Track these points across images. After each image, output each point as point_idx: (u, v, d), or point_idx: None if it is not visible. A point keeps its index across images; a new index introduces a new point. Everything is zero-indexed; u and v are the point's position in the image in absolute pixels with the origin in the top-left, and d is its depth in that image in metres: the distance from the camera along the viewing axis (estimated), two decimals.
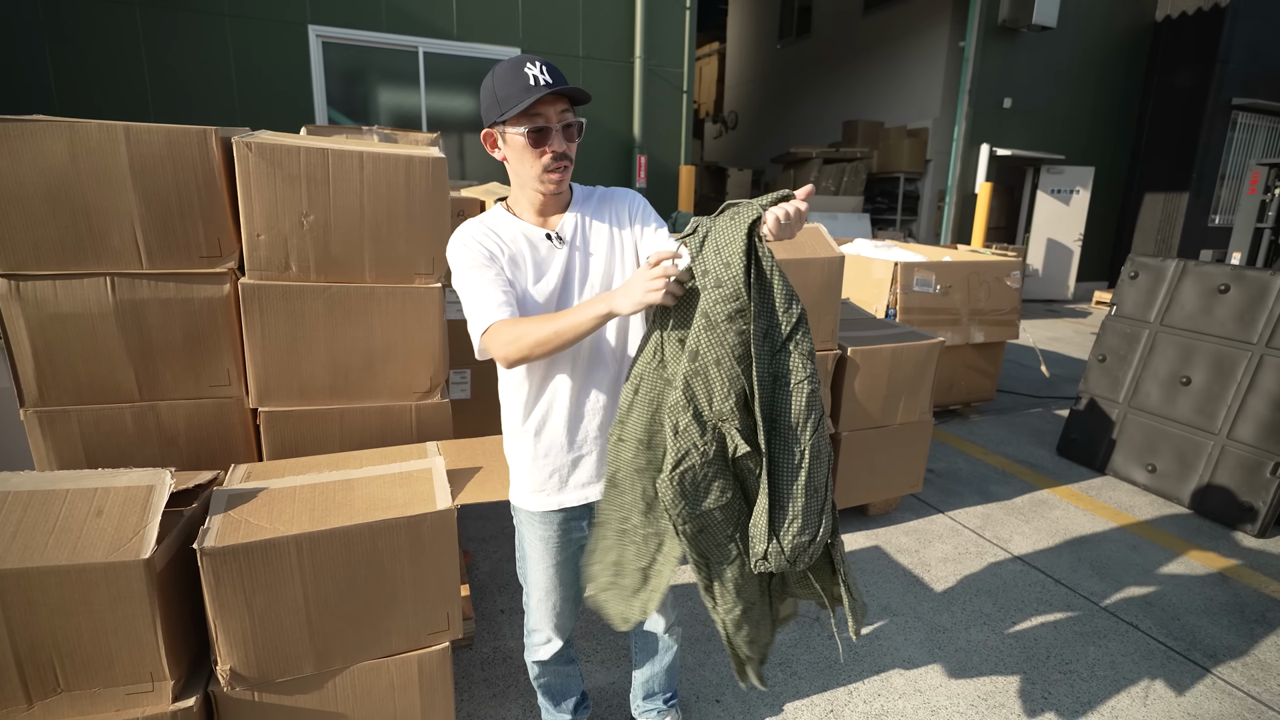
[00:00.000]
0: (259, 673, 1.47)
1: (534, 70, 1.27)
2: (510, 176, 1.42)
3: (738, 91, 14.30)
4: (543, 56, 1.31)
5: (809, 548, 1.30)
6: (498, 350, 1.30)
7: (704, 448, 1.24)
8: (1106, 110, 10.11)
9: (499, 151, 1.38)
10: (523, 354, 1.28)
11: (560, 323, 1.25)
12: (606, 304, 1.22)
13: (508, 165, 1.39)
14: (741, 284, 1.19)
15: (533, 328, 1.26)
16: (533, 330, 1.26)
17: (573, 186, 1.48)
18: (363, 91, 6.38)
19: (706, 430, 1.24)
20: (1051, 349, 6.92)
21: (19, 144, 1.57)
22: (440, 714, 1.70)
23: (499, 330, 1.29)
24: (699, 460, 1.24)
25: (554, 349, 1.27)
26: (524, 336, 1.26)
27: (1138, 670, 2.24)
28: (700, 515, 1.29)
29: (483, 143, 1.39)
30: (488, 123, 1.35)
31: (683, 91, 7.41)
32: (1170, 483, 3.50)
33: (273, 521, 1.45)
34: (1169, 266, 3.70)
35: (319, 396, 1.92)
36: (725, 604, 1.38)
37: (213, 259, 1.78)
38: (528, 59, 1.29)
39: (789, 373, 1.26)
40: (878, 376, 2.95)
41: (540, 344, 1.26)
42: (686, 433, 1.23)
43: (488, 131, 1.37)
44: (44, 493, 1.36)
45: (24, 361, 1.69)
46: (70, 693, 1.34)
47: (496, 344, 1.30)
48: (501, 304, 1.31)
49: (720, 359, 1.21)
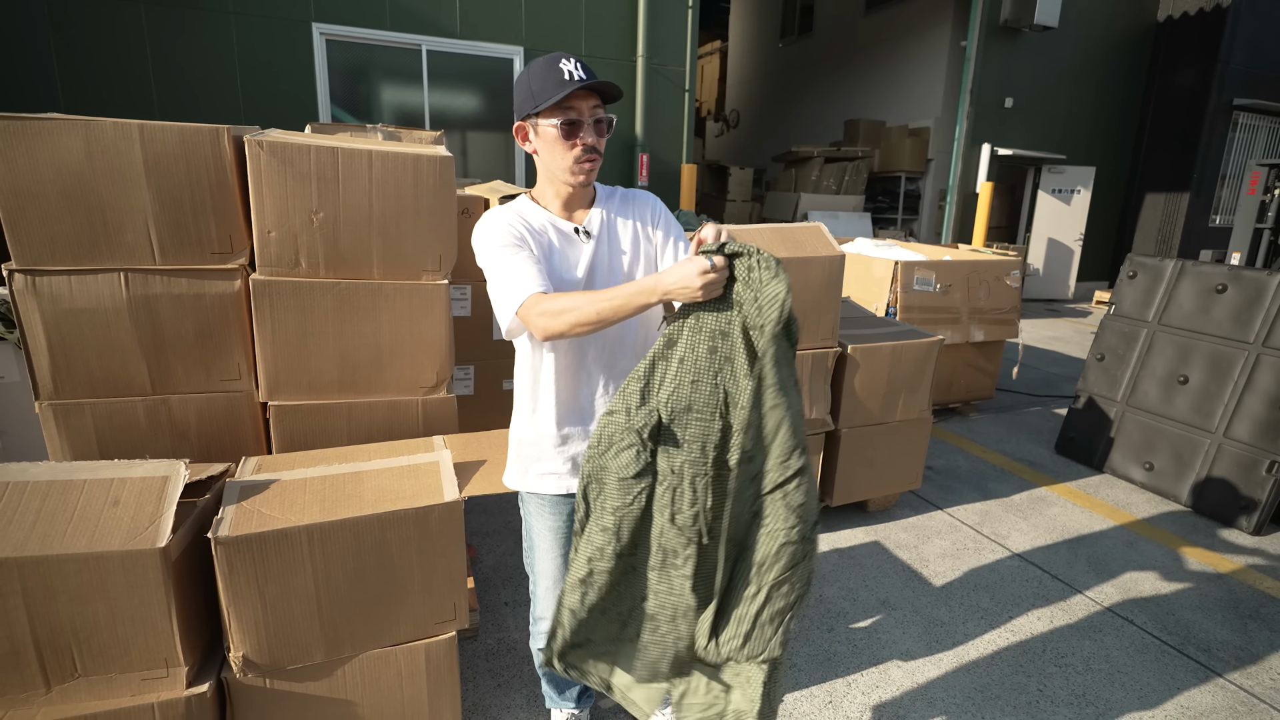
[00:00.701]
0: (271, 660, 1.51)
1: (568, 66, 1.32)
2: (539, 169, 1.46)
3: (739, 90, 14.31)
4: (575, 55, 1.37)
5: (747, 656, 1.35)
6: (538, 321, 1.28)
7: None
8: (1108, 110, 10.13)
9: (530, 144, 1.42)
10: (565, 328, 1.27)
11: (608, 301, 1.24)
12: (656, 287, 1.22)
13: (538, 158, 1.43)
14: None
15: (580, 302, 1.25)
16: (580, 305, 1.25)
17: (596, 184, 1.52)
18: (366, 89, 6.41)
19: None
20: (1051, 348, 6.94)
21: (36, 142, 1.60)
22: (446, 702, 1.73)
23: (537, 301, 1.28)
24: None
25: (596, 327, 1.27)
26: (569, 311, 1.25)
27: (1132, 664, 2.27)
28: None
29: (514, 135, 1.44)
30: (521, 115, 1.40)
31: (685, 90, 7.43)
32: (1167, 480, 3.54)
33: (284, 512, 1.48)
34: (1167, 266, 3.72)
35: (328, 391, 1.95)
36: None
37: (224, 255, 1.81)
38: (562, 56, 1.34)
39: (769, 520, 1.26)
40: (878, 374, 2.98)
41: (584, 321, 1.25)
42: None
43: (520, 124, 1.41)
44: (62, 483, 1.39)
45: (39, 355, 1.73)
46: (87, 678, 1.37)
47: (536, 314, 1.28)
48: (538, 278, 1.33)
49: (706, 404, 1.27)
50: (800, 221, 5.75)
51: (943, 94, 9.30)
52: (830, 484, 3.03)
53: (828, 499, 3.07)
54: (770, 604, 1.29)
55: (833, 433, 2.97)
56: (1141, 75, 10.21)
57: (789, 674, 2.16)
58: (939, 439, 4.29)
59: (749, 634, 1.30)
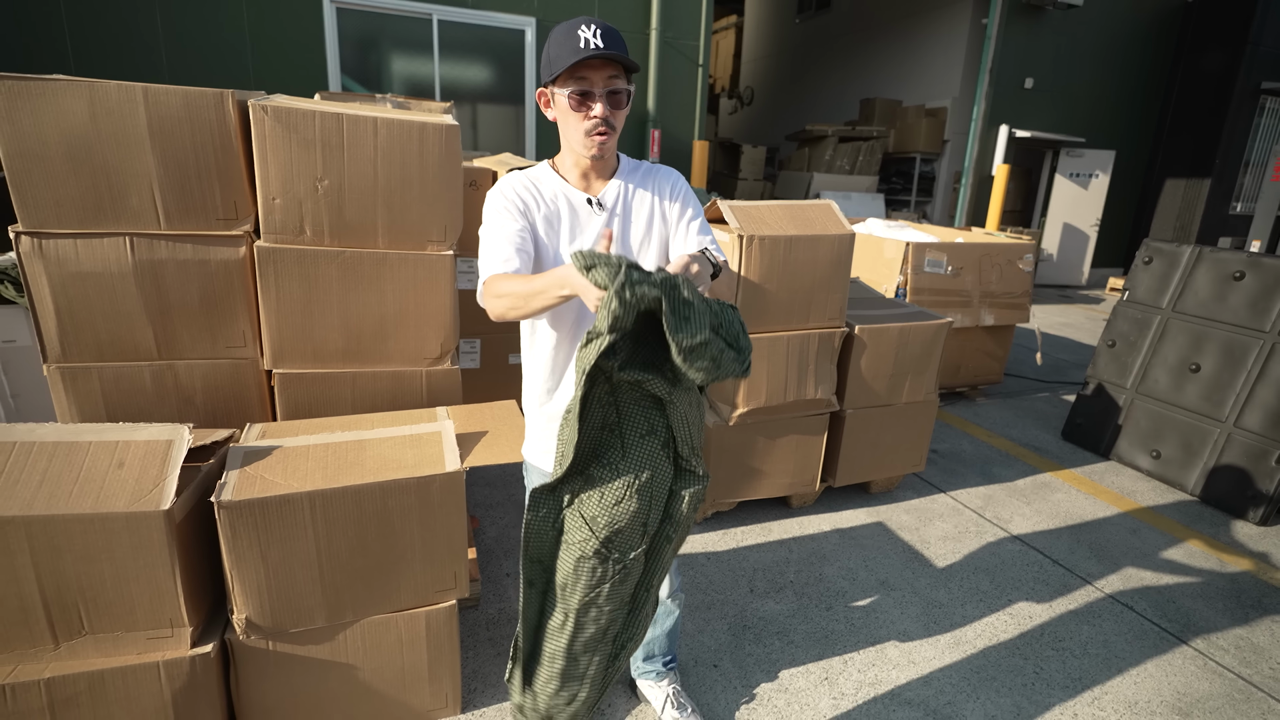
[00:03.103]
0: (273, 623, 1.53)
1: (586, 33, 1.27)
2: (560, 138, 1.43)
3: (754, 66, 14.07)
4: (601, 21, 1.30)
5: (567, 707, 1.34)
6: (485, 303, 1.32)
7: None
8: (1130, 92, 9.90)
9: (550, 111, 1.40)
10: (502, 311, 1.28)
11: (531, 287, 1.21)
12: (565, 280, 1.13)
13: (559, 126, 1.41)
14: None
15: (515, 287, 1.24)
16: (514, 290, 1.23)
17: (620, 157, 1.50)
18: (376, 59, 6.34)
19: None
20: (1062, 334, 6.88)
21: (41, 103, 1.59)
22: (446, 668, 1.76)
23: (492, 284, 1.29)
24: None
25: (527, 313, 1.26)
26: (502, 296, 1.26)
27: (1130, 649, 2.27)
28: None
29: (537, 101, 1.41)
30: (541, 82, 1.38)
31: (698, 65, 7.31)
32: (1174, 469, 3.51)
33: (287, 478, 1.49)
34: (1184, 252, 3.66)
35: (332, 360, 1.95)
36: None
37: (229, 221, 1.80)
38: (584, 21, 1.29)
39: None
40: (884, 355, 2.96)
41: (514, 306, 1.25)
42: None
43: (540, 90, 1.39)
44: (68, 444, 1.41)
45: (47, 318, 1.73)
46: (95, 635, 1.40)
47: (484, 295, 1.31)
48: (506, 259, 1.32)
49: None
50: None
51: (961, 73, 9.10)
52: (833, 464, 3.03)
53: (830, 479, 3.07)
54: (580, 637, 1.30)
55: (837, 413, 2.96)
56: (1167, 57, 9.95)
57: (786, 650, 2.18)
58: (944, 422, 4.28)
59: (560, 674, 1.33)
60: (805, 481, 2.98)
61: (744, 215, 2.59)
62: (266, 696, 1.61)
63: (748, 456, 2.82)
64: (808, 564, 2.67)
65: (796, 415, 2.84)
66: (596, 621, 1.28)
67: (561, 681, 1.34)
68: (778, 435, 2.84)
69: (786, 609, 2.39)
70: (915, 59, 9.82)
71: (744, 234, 2.49)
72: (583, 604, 1.25)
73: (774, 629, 2.28)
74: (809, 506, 3.10)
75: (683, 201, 1.50)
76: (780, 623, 2.31)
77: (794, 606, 2.40)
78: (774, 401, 2.73)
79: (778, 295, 2.63)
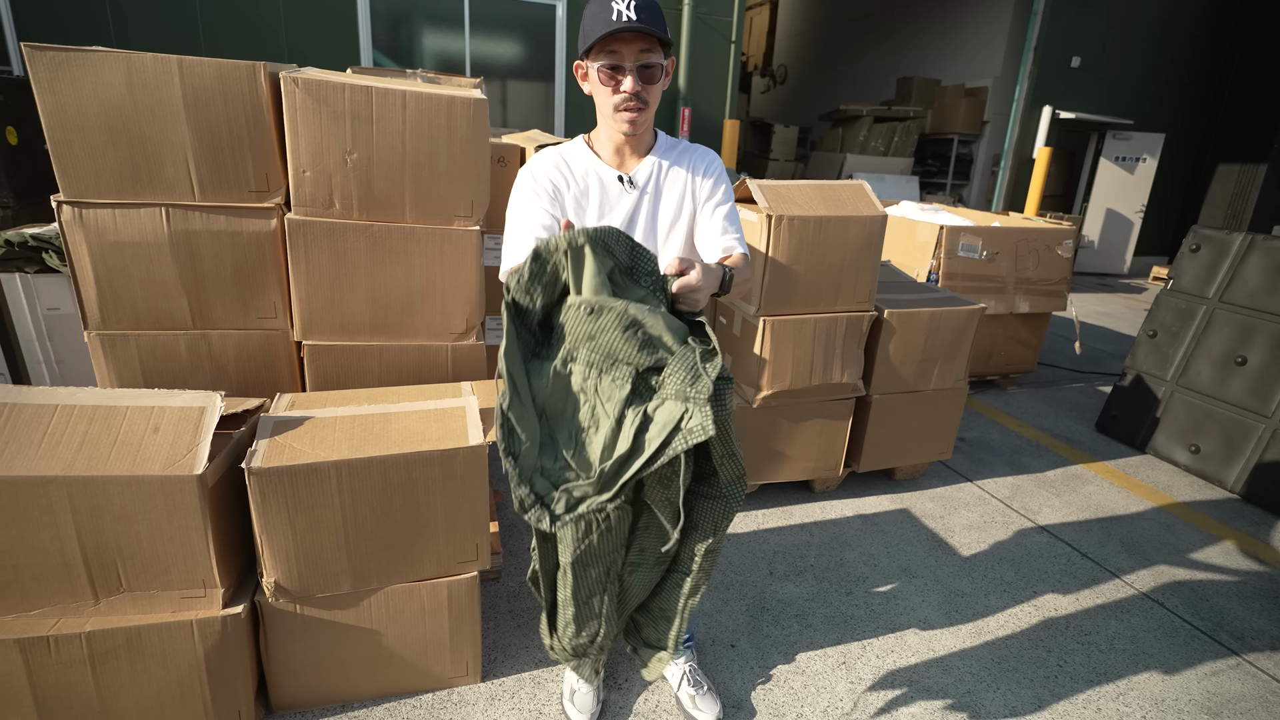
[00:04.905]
0: (300, 587, 1.57)
1: (619, 5, 1.24)
2: (596, 112, 1.42)
3: (789, 44, 13.75)
4: None
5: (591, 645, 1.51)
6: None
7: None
8: (1183, 72, 9.47)
9: (586, 85, 1.38)
10: None
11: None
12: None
13: (594, 100, 1.39)
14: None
15: None
16: None
17: (658, 134, 1.48)
18: (407, 34, 6.34)
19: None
20: (1100, 324, 6.68)
21: (81, 74, 1.61)
22: (467, 638, 1.79)
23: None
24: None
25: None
26: None
27: (1159, 646, 2.22)
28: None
29: (575, 73, 1.40)
30: (578, 55, 1.36)
31: (731, 42, 7.17)
32: (1214, 465, 3.40)
33: (315, 448, 1.52)
34: (1234, 240, 3.51)
35: (360, 332, 1.98)
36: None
37: (260, 193, 1.83)
38: None
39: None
40: (913, 341, 2.90)
41: None
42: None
43: (577, 63, 1.38)
44: (106, 408, 1.45)
45: (87, 286, 1.78)
46: (132, 593, 1.45)
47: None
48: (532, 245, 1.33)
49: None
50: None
51: (1004, 51, 8.78)
52: (858, 450, 3.00)
53: (854, 465, 3.04)
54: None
55: (863, 398, 2.92)
56: (1222, 35, 9.47)
57: (804, 633, 2.18)
58: (973, 410, 4.20)
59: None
60: (828, 466, 2.95)
61: (773, 194, 2.54)
62: (294, 657, 1.66)
63: (770, 439, 2.80)
64: (829, 548, 2.65)
65: (821, 399, 2.81)
66: (595, 566, 1.42)
67: (578, 625, 1.52)
68: (802, 419, 2.81)
69: (806, 592, 2.38)
70: (956, 36, 9.50)
71: (772, 213, 2.45)
72: (576, 557, 1.40)
73: (793, 612, 2.27)
74: (832, 491, 3.08)
75: (712, 188, 1.47)
76: (799, 606, 2.31)
77: (813, 590, 2.39)
78: (798, 385, 2.70)
79: (805, 277, 2.59)
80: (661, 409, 1.18)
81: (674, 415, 1.16)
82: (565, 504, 1.18)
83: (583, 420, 1.21)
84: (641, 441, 1.18)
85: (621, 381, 1.20)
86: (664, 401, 1.19)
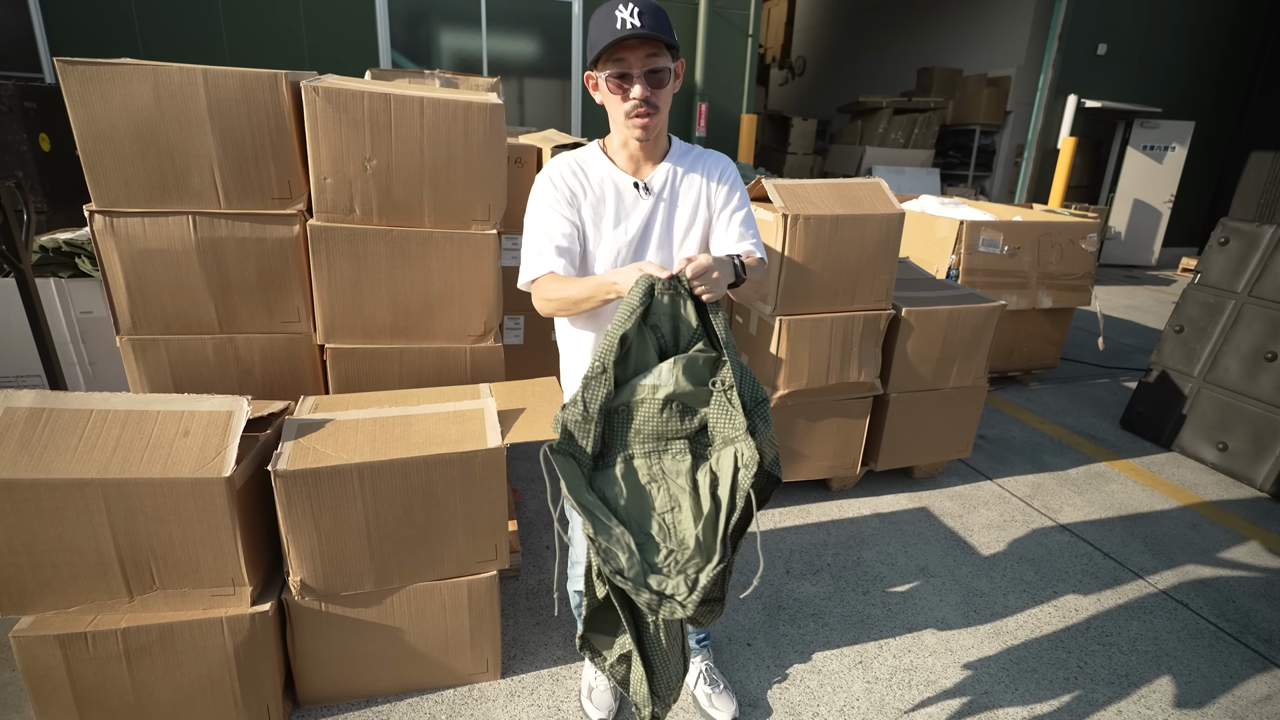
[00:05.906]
0: (325, 586, 1.61)
1: (623, 13, 1.25)
2: (609, 120, 1.43)
3: (807, 35, 13.61)
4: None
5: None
6: (537, 303, 1.41)
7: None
8: (1214, 58, 9.21)
9: (598, 95, 1.39)
10: (548, 313, 1.41)
11: (575, 293, 1.31)
12: (614, 283, 1.24)
13: (607, 109, 1.40)
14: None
15: (567, 290, 1.32)
16: (564, 294, 1.33)
17: (672, 139, 1.49)
18: (425, 34, 6.39)
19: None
20: (1127, 317, 6.56)
21: (110, 87, 1.66)
22: (487, 635, 1.82)
23: (543, 284, 1.37)
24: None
25: (572, 315, 1.40)
26: (550, 300, 1.36)
27: (1182, 648, 2.20)
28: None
29: (585, 84, 1.42)
30: (588, 66, 1.37)
31: (748, 35, 7.12)
32: (1242, 463, 3.34)
33: (338, 450, 1.56)
34: (1265, 233, 3.43)
35: (380, 336, 2.02)
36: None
37: (283, 200, 1.87)
38: (622, 0, 1.26)
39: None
40: (932, 339, 2.88)
41: (564, 309, 1.37)
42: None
43: (587, 74, 1.39)
44: (139, 413, 1.50)
45: (119, 293, 1.84)
46: (164, 590, 1.50)
47: (537, 297, 1.40)
48: (554, 255, 1.37)
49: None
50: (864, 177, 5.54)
51: (1028, 39, 8.61)
52: (875, 448, 2.99)
53: (872, 463, 3.03)
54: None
55: (881, 397, 2.91)
56: (1255, 21, 9.20)
57: (820, 632, 2.18)
58: (994, 408, 4.15)
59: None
60: (846, 465, 2.95)
61: (789, 194, 2.54)
62: (320, 653, 1.70)
63: (788, 438, 2.80)
64: (846, 547, 2.65)
65: (839, 398, 2.81)
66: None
67: (651, 671, 1.32)
68: (819, 418, 2.81)
69: (823, 591, 2.38)
70: (978, 25, 9.33)
71: (788, 213, 2.45)
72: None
73: (809, 611, 2.28)
74: (849, 490, 3.08)
75: (727, 194, 1.47)
76: (816, 605, 2.31)
77: (830, 589, 2.40)
78: (815, 384, 2.70)
79: (822, 276, 2.58)
80: (721, 458, 1.23)
81: (730, 459, 1.20)
82: (688, 586, 1.17)
83: (665, 505, 1.23)
84: (719, 496, 1.21)
85: (680, 455, 1.25)
86: (719, 452, 1.23)
